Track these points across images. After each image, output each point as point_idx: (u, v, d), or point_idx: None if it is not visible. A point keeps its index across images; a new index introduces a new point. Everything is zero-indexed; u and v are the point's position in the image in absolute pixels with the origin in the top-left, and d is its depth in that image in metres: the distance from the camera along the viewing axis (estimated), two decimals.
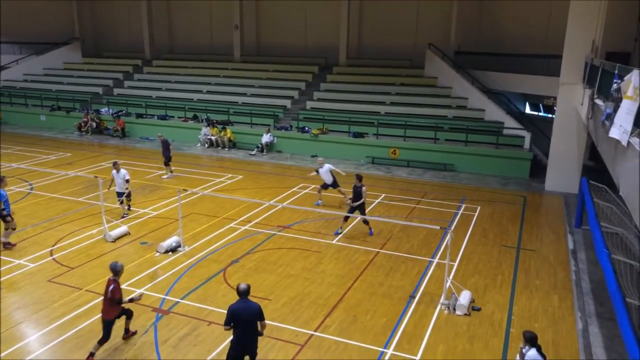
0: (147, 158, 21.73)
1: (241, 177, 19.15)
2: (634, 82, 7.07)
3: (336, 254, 12.30)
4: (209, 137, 24.18)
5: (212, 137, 24.09)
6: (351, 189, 13.25)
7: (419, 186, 18.39)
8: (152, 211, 15.03)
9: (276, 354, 8.31)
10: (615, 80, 8.47)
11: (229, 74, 29.63)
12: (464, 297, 9.83)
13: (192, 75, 29.96)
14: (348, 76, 26.75)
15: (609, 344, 8.72)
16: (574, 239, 13.57)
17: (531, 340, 6.85)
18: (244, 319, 7.00)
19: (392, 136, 22.00)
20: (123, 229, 13.20)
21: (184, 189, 13.48)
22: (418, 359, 8.27)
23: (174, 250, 12.16)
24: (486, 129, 21.28)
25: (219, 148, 23.94)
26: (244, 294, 7.07)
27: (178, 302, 9.89)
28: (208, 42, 32.78)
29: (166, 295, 10.14)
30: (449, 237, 9.87)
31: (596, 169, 17.38)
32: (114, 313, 8.09)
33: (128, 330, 8.66)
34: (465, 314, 9.56)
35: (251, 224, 14.15)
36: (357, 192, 13.09)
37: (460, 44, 25.61)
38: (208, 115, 25.82)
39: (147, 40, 32.74)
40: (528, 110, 26.28)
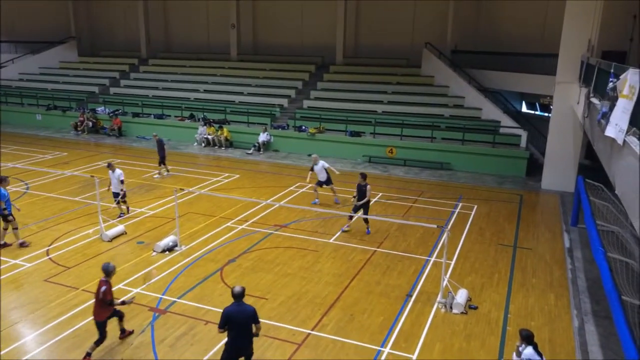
0: (144, 157, 21.67)
1: (238, 176, 19.14)
2: (630, 80, 7.10)
3: (333, 252, 12.31)
4: (205, 136, 24.14)
5: (208, 136, 24.05)
6: (349, 187, 13.24)
7: (415, 185, 18.41)
8: (148, 210, 15.00)
9: (273, 353, 8.32)
10: (611, 79, 8.50)
11: (225, 73, 29.57)
12: (461, 296, 9.86)
13: (189, 74, 29.87)
14: (345, 75, 26.73)
15: (605, 342, 8.76)
16: (570, 237, 13.62)
17: (528, 339, 6.88)
18: (238, 322, 6.98)
19: (389, 135, 22.02)
20: (119, 228, 13.18)
21: (180, 188, 13.47)
22: (415, 357, 8.28)
23: (170, 249, 12.14)
24: (483, 127, 21.31)
25: (216, 147, 23.91)
26: (238, 297, 7.03)
27: (175, 301, 9.88)
28: (205, 41, 32.70)
29: (163, 294, 10.13)
30: (445, 235, 9.91)
31: (592, 167, 17.46)
32: (105, 314, 8.05)
33: (124, 330, 8.64)
34: (462, 313, 9.58)
35: (248, 223, 14.14)
36: (362, 191, 13.09)
37: (457, 43, 25.65)
38: (205, 114, 25.78)
39: (143, 39, 32.61)
40: (524, 109, 26.34)
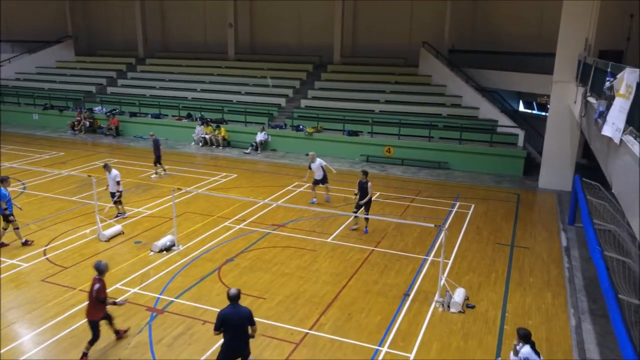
0: (141, 157, 21.62)
1: (235, 175, 19.12)
2: (627, 80, 7.11)
3: (331, 252, 12.31)
4: (203, 135, 24.10)
5: (206, 136, 24.02)
6: (345, 187, 13.23)
7: (413, 184, 18.43)
8: (146, 210, 14.98)
9: (271, 352, 8.32)
10: (607, 79, 8.52)
11: (223, 72, 29.53)
12: (458, 295, 9.87)
13: (186, 73, 29.80)
14: (342, 74, 26.73)
15: (602, 340, 8.78)
16: (567, 236, 13.65)
17: (525, 337, 6.90)
18: (234, 324, 6.97)
19: (387, 134, 22.03)
20: (117, 228, 13.15)
21: (178, 188, 13.45)
22: (412, 356, 8.29)
23: (168, 249, 12.13)
24: (480, 127, 21.34)
25: (213, 147, 23.88)
26: (234, 299, 7.02)
27: (172, 301, 9.86)
28: (202, 40, 32.65)
29: (160, 294, 10.11)
30: (443, 235, 9.92)
31: (589, 166, 17.48)
32: (98, 314, 8.01)
33: (118, 332, 8.57)
34: (460, 312, 9.59)
35: (246, 222, 14.13)
36: (363, 188, 13.10)
37: (454, 42, 25.66)
38: (202, 113, 25.74)
39: (140, 38, 32.48)
40: (522, 108, 26.35)
